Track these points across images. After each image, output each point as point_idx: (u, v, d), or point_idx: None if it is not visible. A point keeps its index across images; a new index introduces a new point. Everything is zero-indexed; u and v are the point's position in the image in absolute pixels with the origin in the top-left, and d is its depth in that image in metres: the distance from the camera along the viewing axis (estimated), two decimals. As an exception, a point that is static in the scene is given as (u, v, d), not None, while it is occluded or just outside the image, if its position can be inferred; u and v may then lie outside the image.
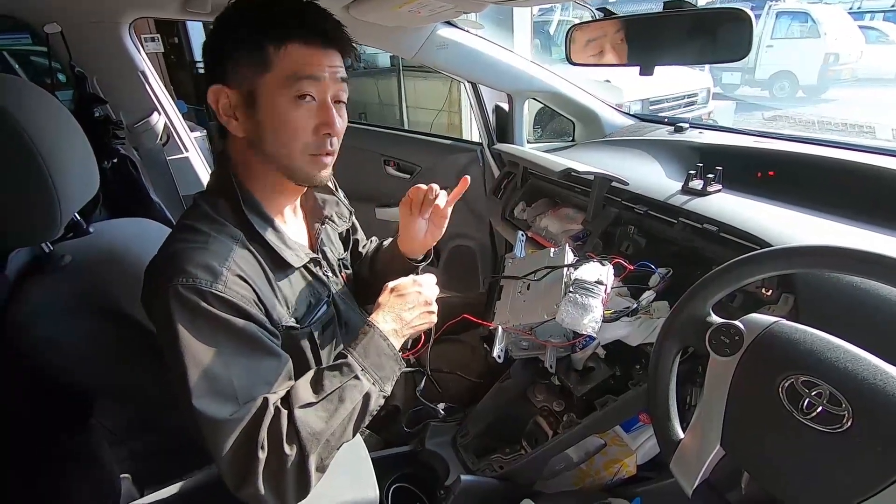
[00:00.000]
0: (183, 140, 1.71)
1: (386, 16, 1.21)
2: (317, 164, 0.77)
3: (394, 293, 0.83)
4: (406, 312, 0.82)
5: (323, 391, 0.69)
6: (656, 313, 0.96)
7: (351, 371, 0.71)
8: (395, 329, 0.79)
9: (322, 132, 0.75)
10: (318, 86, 0.72)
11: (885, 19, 8.75)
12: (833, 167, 1.08)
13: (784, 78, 7.97)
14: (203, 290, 0.65)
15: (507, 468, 1.01)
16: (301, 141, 0.74)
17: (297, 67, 0.70)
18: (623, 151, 1.46)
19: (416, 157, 2.02)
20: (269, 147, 0.74)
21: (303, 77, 0.71)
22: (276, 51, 0.70)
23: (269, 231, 0.77)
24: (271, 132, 0.73)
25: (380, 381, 0.74)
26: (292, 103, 0.72)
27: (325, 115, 0.74)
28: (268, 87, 0.71)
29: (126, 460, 1.17)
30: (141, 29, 1.60)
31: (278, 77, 0.70)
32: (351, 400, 0.70)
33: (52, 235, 0.76)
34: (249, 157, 0.77)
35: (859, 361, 0.54)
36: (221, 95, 0.73)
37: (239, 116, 0.74)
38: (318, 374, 0.71)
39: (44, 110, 0.76)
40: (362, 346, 0.75)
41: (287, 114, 0.72)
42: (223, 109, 0.73)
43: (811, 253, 0.62)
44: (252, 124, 0.74)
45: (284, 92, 0.71)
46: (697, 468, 0.63)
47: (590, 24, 1.12)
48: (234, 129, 0.75)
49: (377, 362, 0.74)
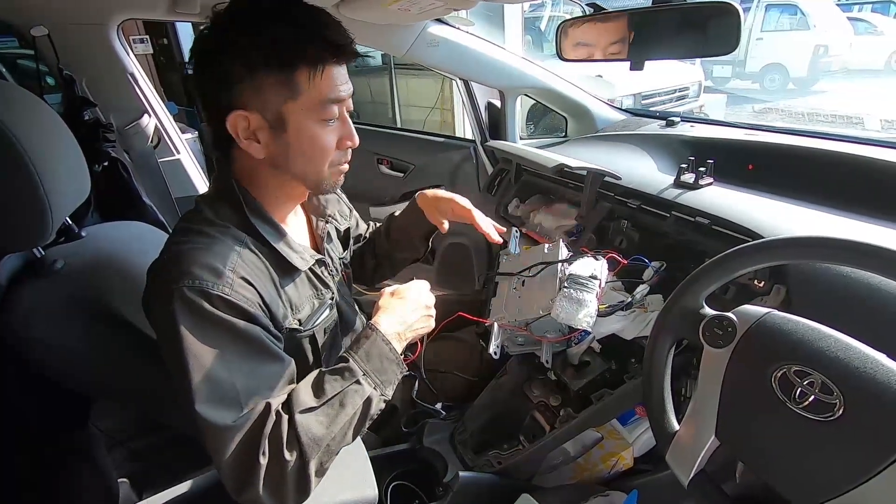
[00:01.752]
0: (174, 142, 1.70)
1: (376, 14, 1.20)
2: (338, 175, 0.79)
3: (395, 296, 0.83)
4: (409, 315, 0.81)
5: (324, 395, 0.68)
6: (651, 307, 0.96)
7: (353, 375, 0.70)
8: (399, 332, 0.79)
9: (346, 146, 0.77)
10: (340, 105, 0.73)
11: (874, 10, 8.80)
12: (823, 158, 1.09)
13: (774, 70, 8.01)
14: (209, 291, 0.64)
15: (505, 463, 1.01)
16: (328, 158, 0.75)
17: (328, 91, 0.70)
18: (615, 146, 1.46)
19: (409, 156, 2.01)
20: (297, 167, 0.74)
21: (333, 101, 0.71)
22: (310, 78, 0.68)
23: (274, 236, 0.76)
24: (300, 154, 0.73)
25: (381, 385, 0.73)
26: (322, 125, 0.72)
27: (346, 130, 0.76)
28: (296, 111, 0.69)
29: (124, 463, 1.17)
30: (129, 31, 1.59)
31: (309, 102, 0.69)
32: (352, 405, 0.69)
33: (44, 240, 0.76)
34: (263, 172, 0.76)
35: (850, 350, 0.55)
36: (240, 120, 0.69)
37: (262, 139, 0.71)
38: (320, 378, 0.70)
39: (32, 114, 0.75)
40: (364, 349, 0.74)
41: (318, 136, 0.72)
42: (243, 133, 0.70)
43: (800, 244, 0.62)
44: (278, 146, 0.72)
45: (314, 116, 0.71)
46: (693, 459, 0.63)
47: (580, 20, 1.12)
48: (254, 151, 0.72)
49: (379, 367, 0.74)
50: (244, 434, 0.63)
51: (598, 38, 1.09)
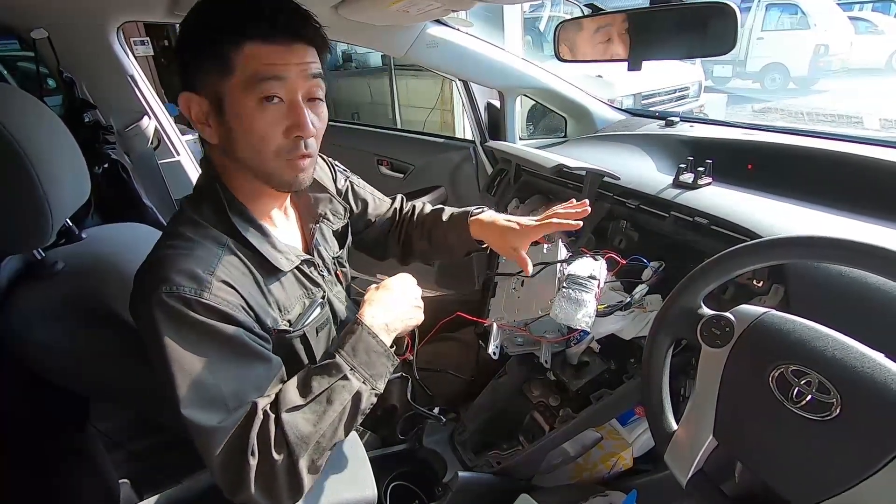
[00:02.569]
0: (174, 143, 1.70)
1: (375, 15, 1.21)
2: (292, 168, 0.73)
3: (379, 289, 0.84)
4: (395, 306, 0.81)
5: (311, 393, 0.68)
6: (650, 307, 0.97)
7: (339, 371, 0.70)
8: (386, 324, 0.78)
9: (293, 134, 0.70)
10: (284, 85, 0.68)
11: (874, 10, 8.80)
12: (822, 158, 1.09)
13: (775, 70, 8.01)
14: (187, 297, 0.64)
15: (504, 464, 1.01)
16: (271, 145, 0.70)
17: (259, 68, 0.66)
18: (614, 146, 1.46)
19: (409, 156, 2.01)
20: (241, 153, 0.71)
21: (266, 78, 0.67)
22: (235, 52, 0.66)
23: (255, 235, 0.75)
24: (241, 138, 0.70)
25: (370, 378, 0.73)
26: (258, 106, 0.68)
27: (295, 117, 0.69)
28: (232, 91, 0.67)
29: (124, 464, 1.17)
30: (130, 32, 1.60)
31: (241, 80, 0.67)
32: (340, 401, 0.69)
33: (44, 242, 0.76)
34: (226, 162, 0.75)
35: (847, 349, 0.55)
36: (192, 103, 0.70)
37: (211, 123, 0.71)
38: (307, 376, 0.70)
39: (32, 117, 0.75)
40: (350, 344, 0.73)
41: (253, 117, 0.68)
42: (196, 116, 0.71)
43: (796, 244, 0.62)
44: (223, 131, 0.71)
45: (249, 95, 0.67)
46: (691, 459, 0.63)
47: (577, 21, 1.13)
48: (208, 135, 0.72)
49: (367, 360, 0.73)
50: (231, 435, 0.63)
51: (594, 39, 1.09)
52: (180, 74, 0.71)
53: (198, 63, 0.68)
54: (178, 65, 0.71)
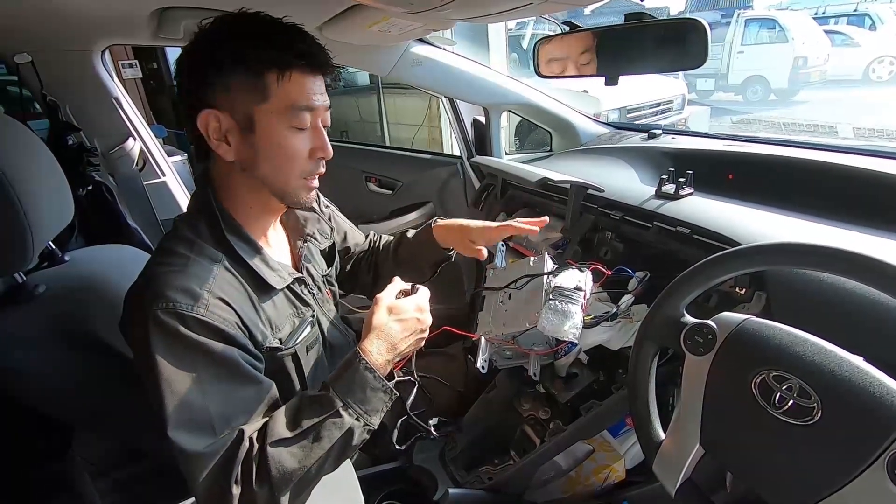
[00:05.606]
0: (159, 164, 1.70)
1: (358, 35, 1.22)
2: (308, 188, 0.78)
3: (392, 315, 0.78)
4: (402, 342, 0.78)
5: (299, 427, 0.66)
6: (636, 317, 0.97)
7: (331, 406, 0.68)
8: (388, 360, 0.75)
9: (317, 156, 0.76)
10: (313, 114, 0.73)
11: (849, 23, 9.07)
12: (799, 167, 1.11)
13: (756, 82, 8.22)
14: (183, 313, 0.64)
15: (496, 479, 1.00)
16: (297, 167, 0.75)
17: (297, 97, 0.70)
18: (599, 159, 1.48)
19: (396, 173, 2.03)
20: (265, 171, 0.74)
21: (301, 108, 0.71)
22: (278, 81, 0.69)
23: (250, 253, 0.76)
24: (268, 158, 0.73)
25: (365, 415, 0.70)
26: (290, 131, 0.72)
27: (319, 141, 0.75)
28: (266, 115, 0.70)
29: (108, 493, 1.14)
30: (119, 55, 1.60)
31: (277, 106, 0.70)
32: (329, 438, 0.67)
33: (25, 265, 0.75)
34: (236, 179, 0.76)
35: (826, 354, 0.56)
36: (212, 119, 0.70)
37: (232, 141, 0.72)
38: (298, 406, 0.69)
39: (14, 140, 0.75)
40: (346, 380, 0.70)
41: (286, 141, 0.72)
42: (213, 133, 0.71)
43: (773, 251, 0.63)
44: (246, 149, 0.72)
45: (283, 121, 0.71)
46: (679, 468, 0.63)
47: (555, 38, 1.15)
48: (223, 152, 0.72)
49: (362, 397, 0.70)
50: (216, 461, 0.63)
51: (572, 55, 1.11)
52: (194, 90, 0.71)
53: (226, 83, 0.69)
54: (192, 79, 0.71)
